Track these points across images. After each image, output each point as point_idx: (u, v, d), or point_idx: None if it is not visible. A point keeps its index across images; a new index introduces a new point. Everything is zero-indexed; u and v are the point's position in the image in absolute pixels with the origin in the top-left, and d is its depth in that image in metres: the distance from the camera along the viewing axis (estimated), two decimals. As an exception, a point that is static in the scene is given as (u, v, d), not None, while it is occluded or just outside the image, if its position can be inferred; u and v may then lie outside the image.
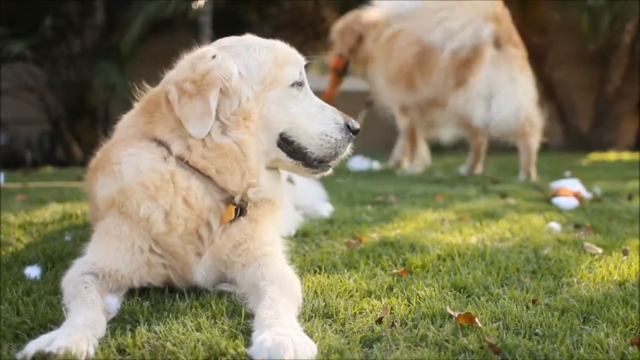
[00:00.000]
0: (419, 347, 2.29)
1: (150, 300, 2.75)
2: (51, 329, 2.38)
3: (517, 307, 2.67)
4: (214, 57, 2.79)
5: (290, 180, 4.35)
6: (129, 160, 2.78)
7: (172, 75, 2.87)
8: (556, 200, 4.87)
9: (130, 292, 2.82)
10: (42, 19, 10.54)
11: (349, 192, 5.49)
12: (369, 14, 8.26)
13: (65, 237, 3.86)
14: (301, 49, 3.08)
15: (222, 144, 2.73)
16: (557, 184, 5.33)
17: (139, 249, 2.78)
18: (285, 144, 2.90)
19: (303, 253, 3.50)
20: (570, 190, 5.02)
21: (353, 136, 2.98)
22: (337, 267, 3.25)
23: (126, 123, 3.00)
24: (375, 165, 8.06)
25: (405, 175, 7.24)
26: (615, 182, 6.29)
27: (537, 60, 11.59)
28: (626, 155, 9.81)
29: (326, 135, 2.91)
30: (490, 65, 6.85)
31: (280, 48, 2.96)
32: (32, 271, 3.13)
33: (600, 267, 3.27)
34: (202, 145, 2.74)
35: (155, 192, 2.73)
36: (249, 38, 2.98)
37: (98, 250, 2.84)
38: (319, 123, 2.93)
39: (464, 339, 2.33)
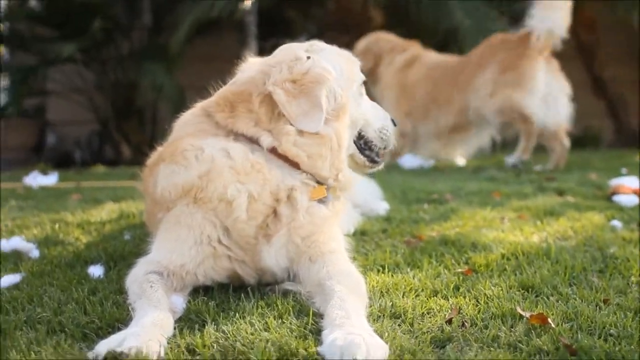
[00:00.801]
0: (492, 348, 2.25)
1: (215, 299, 2.74)
2: (119, 329, 2.38)
3: (588, 307, 2.61)
4: (308, 58, 2.94)
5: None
6: (216, 147, 2.82)
7: (253, 76, 2.96)
8: (616, 198, 4.78)
9: (195, 292, 2.81)
10: (90, 21, 10.63)
11: (403, 190, 5.45)
12: (388, 37, 8.76)
13: (124, 236, 3.88)
14: (347, 49, 3.15)
15: (323, 133, 2.86)
16: (616, 182, 5.22)
17: (207, 238, 2.78)
18: (357, 139, 3.21)
19: (365, 252, 3.47)
20: (630, 188, 4.91)
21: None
22: (400, 266, 3.21)
23: (192, 120, 3.03)
24: (427, 163, 8.02)
25: None
26: (673, 179, 6.15)
27: (587, 57, 11.46)
28: (680, 152, 9.60)
29: (384, 129, 3.28)
30: (545, 70, 7.41)
31: (344, 51, 3.21)
32: (96, 270, 3.14)
33: (670, 266, 3.19)
34: (295, 134, 2.83)
35: (245, 176, 2.77)
36: (318, 43, 3.14)
37: (164, 244, 2.83)
38: (379, 118, 3.29)
39: (538, 339, 2.27)
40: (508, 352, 2.21)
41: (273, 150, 2.83)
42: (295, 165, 2.85)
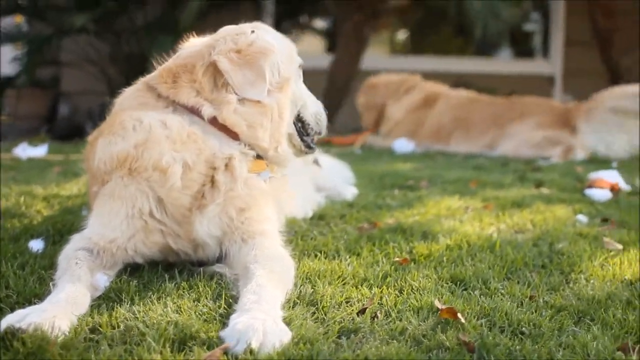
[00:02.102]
0: (395, 341, 2.22)
1: (142, 278, 2.74)
2: (35, 304, 2.39)
3: (510, 303, 2.57)
4: (252, 32, 3.00)
5: (316, 162, 4.33)
6: (154, 118, 2.84)
7: (198, 49, 3.00)
8: (589, 192, 4.69)
9: (124, 270, 2.81)
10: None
11: (382, 175, 5.41)
12: (384, 78, 9.08)
13: (82, 212, 3.88)
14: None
15: (265, 102, 2.92)
16: (595, 175, 5.13)
17: (139, 212, 2.78)
18: (296, 121, 3.26)
19: (311, 237, 3.45)
20: (607, 182, 4.83)
21: None
22: (339, 252, 3.18)
23: (133, 94, 3.05)
24: (419, 149, 7.99)
25: None
26: (666, 173, 6.04)
27: (604, 44, 11.25)
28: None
29: (319, 114, 3.35)
30: None
31: (282, 35, 3.25)
32: (36, 244, 3.15)
33: (614, 264, 3.13)
34: (236, 103, 2.88)
35: (181, 145, 2.79)
36: (260, 24, 3.19)
37: (97, 219, 2.84)
38: (314, 102, 3.36)
39: (443, 334, 2.25)
40: (407, 346, 2.19)
41: (213, 121, 2.87)
42: (234, 135, 2.89)
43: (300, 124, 3.28)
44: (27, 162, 6.11)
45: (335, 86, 10.45)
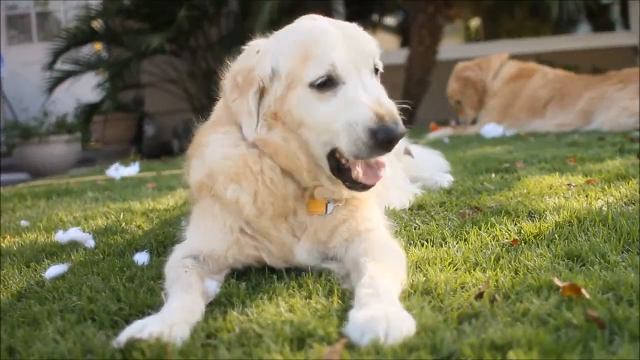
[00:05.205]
0: (518, 323, 2.13)
1: (250, 281, 2.71)
2: (149, 315, 2.38)
3: (634, 275, 2.45)
4: (258, 52, 2.74)
5: (408, 152, 4.25)
6: (213, 145, 2.80)
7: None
8: (697, 157, 4.49)
9: (232, 274, 2.80)
10: (177, 11, 10.77)
11: (475, 160, 5.29)
12: (467, 64, 9.06)
13: (181, 223, 3.90)
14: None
15: (266, 139, 2.68)
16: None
17: (230, 229, 2.78)
18: (332, 158, 2.64)
19: (414, 226, 3.37)
20: None
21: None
22: (446, 239, 3.10)
23: (220, 106, 3.00)
24: (509, 132, 7.81)
25: None
26: None
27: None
28: None
29: (357, 140, 2.49)
30: None
31: (314, 38, 2.61)
32: (141, 257, 3.16)
33: None
34: (275, 140, 2.69)
35: (236, 176, 2.71)
36: (297, 24, 2.79)
37: (195, 232, 2.88)
38: (349, 124, 2.51)
39: (568, 312, 2.14)
40: (533, 327, 2.09)
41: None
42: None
43: (333, 159, 2.64)
44: (120, 182, 6.20)
45: (413, 79, 10.36)
